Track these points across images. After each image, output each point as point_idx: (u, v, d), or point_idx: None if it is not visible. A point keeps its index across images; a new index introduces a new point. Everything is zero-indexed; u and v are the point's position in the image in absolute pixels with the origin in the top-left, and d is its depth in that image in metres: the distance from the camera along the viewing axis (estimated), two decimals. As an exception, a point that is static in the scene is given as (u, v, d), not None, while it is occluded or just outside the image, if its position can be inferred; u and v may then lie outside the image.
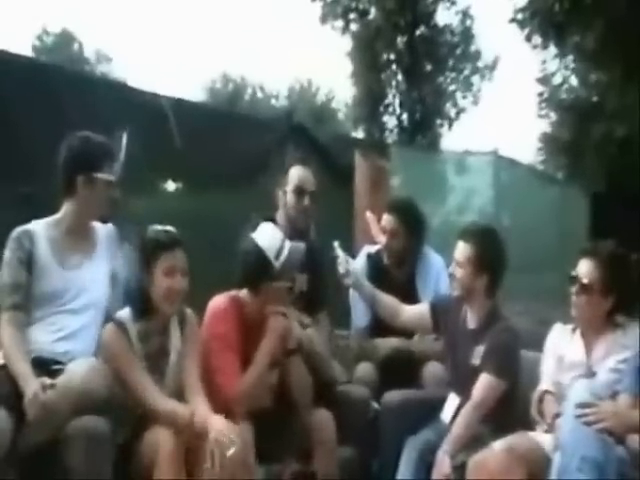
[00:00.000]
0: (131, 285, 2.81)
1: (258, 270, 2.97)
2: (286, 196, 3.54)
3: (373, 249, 3.79)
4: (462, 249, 3.17)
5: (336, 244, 3.53)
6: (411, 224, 3.78)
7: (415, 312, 3.43)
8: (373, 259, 3.85)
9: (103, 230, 3.06)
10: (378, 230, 3.86)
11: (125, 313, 2.80)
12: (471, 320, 3.23)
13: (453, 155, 11.33)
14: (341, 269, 3.49)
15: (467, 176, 10.50)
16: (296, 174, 3.56)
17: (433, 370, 3.54)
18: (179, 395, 2.78)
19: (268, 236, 3.02)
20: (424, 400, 3.35)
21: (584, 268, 2.95)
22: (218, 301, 3.06)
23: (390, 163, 7.43)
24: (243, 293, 3.07)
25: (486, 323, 3.17)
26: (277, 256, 2.98)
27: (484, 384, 3.02)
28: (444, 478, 2.88)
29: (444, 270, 3.67)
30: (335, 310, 3.84)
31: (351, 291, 3.82)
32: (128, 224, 3.11)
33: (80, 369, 2.63)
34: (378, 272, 3.80)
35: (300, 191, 3.53)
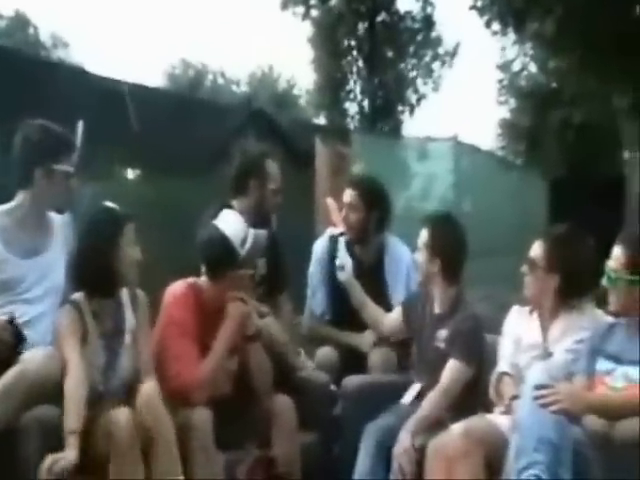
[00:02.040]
0: (89, 264, 2.76)
1: (223, 259, 2.97)
2: (263, 190, 3.56)
3: (337, 231, 3.79)
4: (421, 235, 3.26)
5: (341, 240, 3.64)
6: (371, 197, 3.73)
7: (394, 320, 3.48)
8: (336, 240, 3.83)
9: (59, 219, 3.03)
10: (339, 216, 3.85)
11: (79, 294, 2.79)
12: (436, 305, 3.28)
13: (414, 141, 11.42)
14: (339, 262, 3.59)
15: (428, 162, 10.57)
16: (275, 171, 3.60)
17: (378, 357, 3.56)
18: (136, 375, 2.78)
19: (232, 225, 3.02)
20: (385, 385, 3.37)
21: (534, 249, 3.01)
22: (176, 287, 3.04)
23: (351, 149, 7.45)
24: (202, 280, 3.05)
25: (450, 309, 3.22)
26: (242, 245, 2.98)
27: (452, 370, 3.06)
28: (405, 454, 2.90)
29: (412, 267, 3.71)
30: (296, 297, 3.86)
31: (311, 276, 3.85)
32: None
33: (34, 358, 2.60)
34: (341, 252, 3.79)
35: (277, 191, 3.59)
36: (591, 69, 11.45)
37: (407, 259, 3.77)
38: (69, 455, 2.43)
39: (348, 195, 3.75)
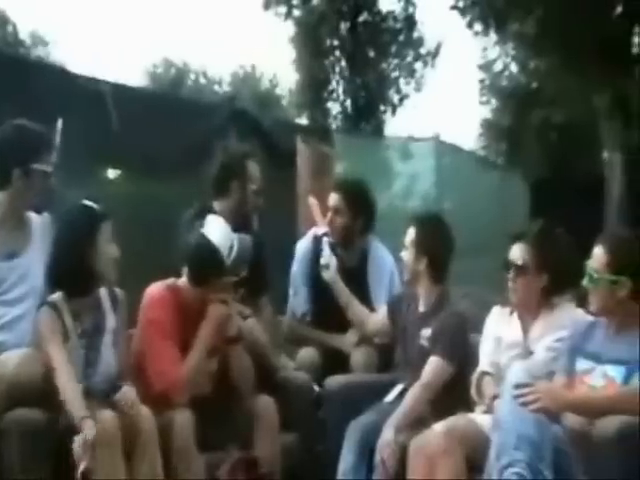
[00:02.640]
0: (66, 262, 2.75)
1: (210, 268, 2.98)
2: (244, 191, 3.57)
3: (320, 231, 3.79)
4: (409, 233, 3.30)
5: (325, 239, 3.65)
6: (357, 202, 3.75)
7: (379, 320, 3.50)
8: (320, 240, 3.83)
9: (38, 220, 3.01)
10: (321, 216, 3.85)
11: (56, 295, 2.77)
12: (421, 304, 3.31)
13: (396, 141, 11.41)
14: (323, 261, 3.61)
15: (410, 161, 10.58)
16: (257, 172, 3.61)
17: (360, 357, 3.57)
18: (119, 375, 2.78)
19: (219, 232, 3.02)
20: (368, 384, 3.39)
21: (517, 251, 3.01)
22: (154, 289, 3.04)
23: (334, 149, 7.44)
24: (182, 281, 3.05)
25: (435, 307, 3.25)
26: (228, 253, 2.99)
27: (433, 366, 3.09)
28: (387, 447, 2.92)
29: (395, 271, 3.74)
30: (278, 298, 3.86)
31: (293, 276, 3.86)
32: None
33: (12, 360, 2.59)
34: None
35: (259, 192, 3.60)
36: (571, 69, 11.53)
37: (390, 265, 3.79)
38: (90, 431, 2.46)
39: (333, 199, 3.75)
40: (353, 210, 3.72)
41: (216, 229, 3.03)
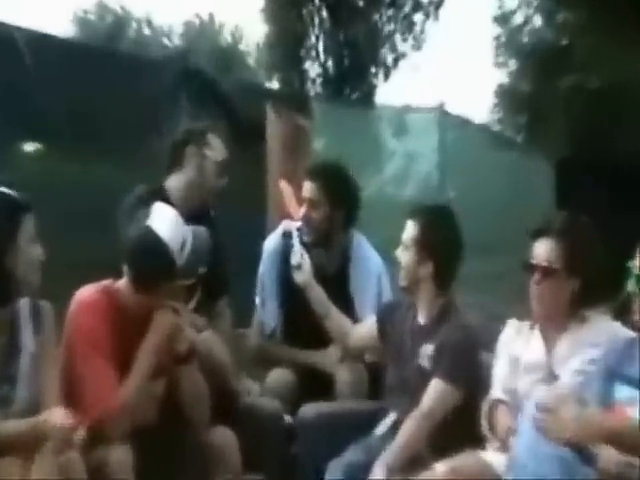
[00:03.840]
0: None
1: (157, 269, 2.99)
2: (203, 162, 3.61)
3: (293, 226, 3.83)
4: (408, 229, 3.33)
5: (295, 234, 3.70)
6: (336, 192, 3.79)
7: (365, 332, 3.55)
8: (291, 235, 3.86)
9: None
10: (296, 204, 3.89)
11: None
12: (421, 316, 3.35)
13: (390, 112, 11.46)
14: (294, 260, 3.63)
15: (407, 137, 10.64)
16: (218, 147, 3.67)
17: (346, 376, 3.62)
18: (36, 404, 2.74)
19: (170, 226, 3.02)
20: (351, 414, 3.44)
21: (540, 250, 3.03)
22: (86, 292, 3.04)
23: (312, 121, 7.45)
24: (121, 284, 3.05)
25: (438, 319, 3.30)
26: (181, 249, 3.00)
27: (434, 391, 3.13)
28: None
29: (385, 275, 3.80)
30: (241, 306, 3.88)
31: (261, 280, 3.90)
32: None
33: None
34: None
35: (222, 169, 3.64)
36: (608, 23, 11.57)
37: (376, 266, 3.85)
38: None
39: (308, 189, 3.79)
40: (332, 201, 3.77)
41: (165, 219, 3.03)
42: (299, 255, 3.66)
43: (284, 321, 3.86)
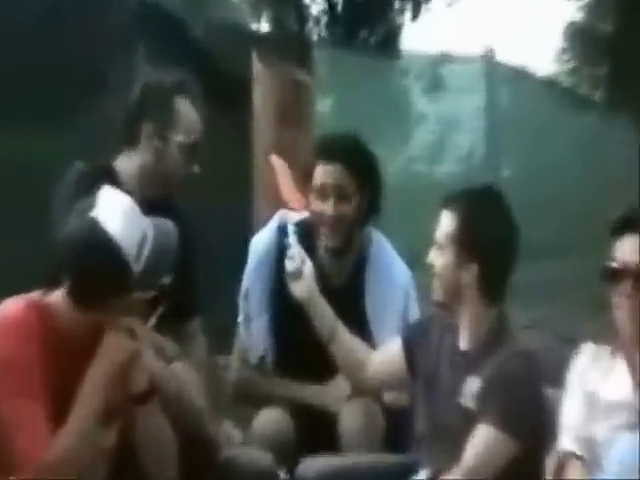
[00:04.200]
0: None
1: (108, 280, 2.97)
2: (166, 141, 3.63)
3: (291, 218, 3.85)
4: (443, 222, 3.35)
5: (291, 229, 3.70)
6: (364, 176, 3.83)
7: (386, 360, 3.55)
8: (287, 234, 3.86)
9: None
10: (293, 190, 3.92)
11: None
12: (463, 339, 3.35)
13: (421, 62, 11.43)
14: (290, 266, 3.62)
15: (444, 97, 10.63)
16: (189, 117, 3.68)
17: (355, 418, 3.63)
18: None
19: (123, 218, 3.00)
20: (366, 470, 3.44)
21: (629, 250, 3.03)
22: (10, 309, 3.02)
23: (314, 75, 7.44)
24: (57, 297, 3.04)
25: (486, 343, 3.31)
26: (138, 251, 2.98)
27: (482, 440, 3.13)
28: None
29: (412, 287, 3.84)
30: (218, 326, 3.88)
31: (246, 292, 3.92)
32: None
33: None
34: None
35: (193, 150, 3.67)
36: None
37: (403, 278, 3.89)
38: None
39: (332, 173, 3.80)
40: (362, 190, 3.82)
41: (116, 209, 3.01)
42: (298, 259, 3.64)
43: (276, 346, 3.88)
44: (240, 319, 3.93)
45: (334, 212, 3.77)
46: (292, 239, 3.70)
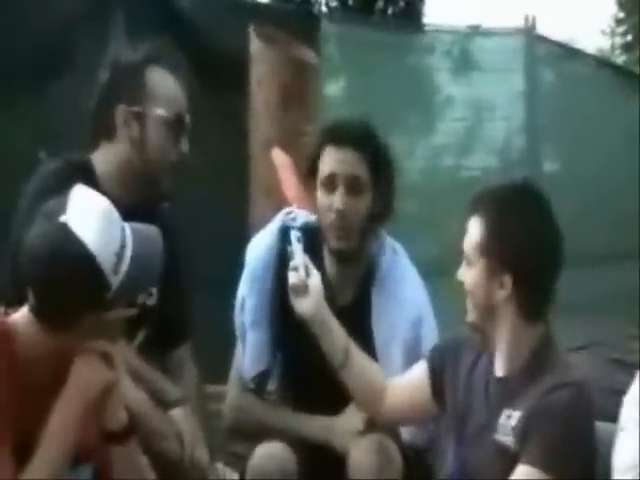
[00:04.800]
0: None
1: (80, 296, 2.96)
2: (144, 129, 3.65)
3: (296, 220, 3.88)
4: (471, 231, 3.34)
5: (295, 235, 3.68)
6: (381, 168, 3.85)
7: (408, 388, 3.56)
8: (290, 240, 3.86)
9: None
10: (296, 186, 3.94)
11: None
12: (499, 364, 3.35)
13: (448, 36, 11.41)
14: (294, 279, 3.59)
15: (475, 77, 10.61)
16: (167, 88, 3.71)
17: (367, 456, 3.61)
18: None
19: (98, 223, 2.98)
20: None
21: None
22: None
23: (322, 53, 7.45)
24: (20, 316, 3.05)
25: (528, 369, 3.30)
26: (116, 264, 2.96)
27: None
28: None
29: (428, 304, 3.85)
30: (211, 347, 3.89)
31: (242, 306, 3.93)
32: None
33: None
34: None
35: (177, 125, 3.69)
36: None
37: (416, 299, 3.89)
38: None
39: (341, 159, 3.81)
40: (377, 183, 3.83)
41: (90, 213, 3.00)
42: (302, 270, 3.62)
43: (279, 369, 3.92)
44: (238, 337, 3.93)
45: (342, 205, 3.77)
46: (295, 247, 3.68)
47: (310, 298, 3.62)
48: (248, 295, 3.90)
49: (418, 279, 3.92)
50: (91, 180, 3.37)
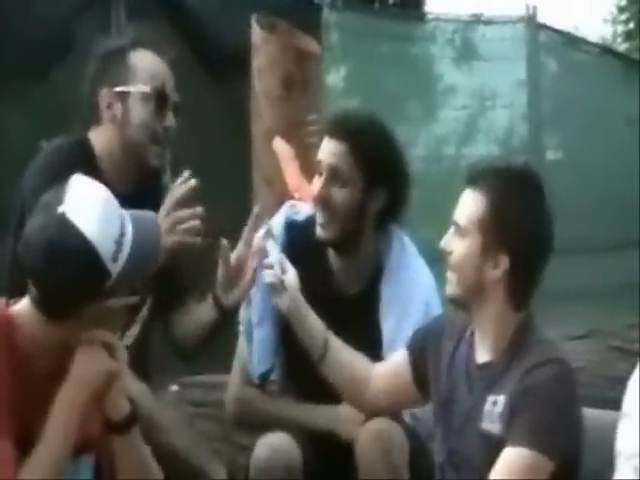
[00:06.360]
0: None
1: (81, 286, 2.96)
2: (126, 107, 3.66)
3: (301, 212, 3.89)
4: (466, 201, 3.32)
5: (273, 229, 3.72)
6: (375, 160, 3.81)
7: (389, 374, 3.56)
8: (300, 233, 3.90)
9: None
10: (299, 175, 3.97)
11: None
12: (481, 349, 3.33)
13: (450, 25, 11.39)
14: (270, 277, 3.64)
15: (477, 66, 10.61)
16: (149, 65, 3.71)
17: (372, 443, 3.59)
18: None
19: (96, 212, 2.98)
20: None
21: None
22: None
23: (324, 43, 7.44)
24: (21, 306, 3.05)
25: (510, 354, 3.28)
26: (116, 250, 2.96)
27: (509, 465, 3.11)
28: None
29: (435, 297, 3.84)
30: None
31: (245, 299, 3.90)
32: None
33: None
34: (307, 262, 3.84)
35: (159, 99, 3.67)
36: None
37: (425, 292, 3.88)
38: None
39: (328, 150, 3.81)
40: (369, 175, 3.79)
41: (89, 202, 3.00)
42: (278, 267, 3.64)
43: (283, 360, 3.92)
44: (241, 330, 3.93)
45: (320, 192, 3.77)
46: (271, 245, 3.71)
47: (286, 294, 3.65)
48: (253, 293, 3.88)
49: (426, 269, 3.91)
50: (91, 157, 3.45)
